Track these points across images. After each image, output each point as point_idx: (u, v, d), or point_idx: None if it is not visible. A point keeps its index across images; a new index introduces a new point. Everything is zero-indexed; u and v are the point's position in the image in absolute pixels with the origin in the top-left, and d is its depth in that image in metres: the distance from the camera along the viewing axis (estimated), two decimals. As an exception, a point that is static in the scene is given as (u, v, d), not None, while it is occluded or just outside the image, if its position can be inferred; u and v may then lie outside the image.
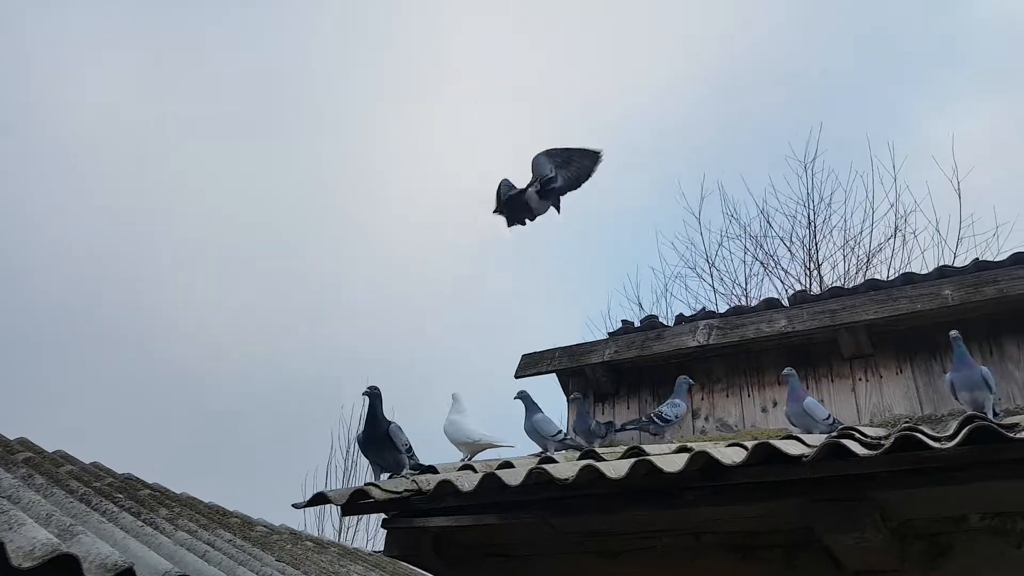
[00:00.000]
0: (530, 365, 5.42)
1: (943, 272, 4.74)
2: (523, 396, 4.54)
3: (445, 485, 2.74)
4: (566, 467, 2.77)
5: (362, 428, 3.67)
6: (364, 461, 8.39)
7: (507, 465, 3.00)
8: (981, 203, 9.51)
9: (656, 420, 4.13)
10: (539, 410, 4.53)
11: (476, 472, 2.90)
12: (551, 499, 2.84)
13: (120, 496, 3.68)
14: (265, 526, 3.02)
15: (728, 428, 4.91)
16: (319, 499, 2.79)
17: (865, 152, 9.55)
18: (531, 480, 2.71)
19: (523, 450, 4.42)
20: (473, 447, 4.03)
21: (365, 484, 2.81)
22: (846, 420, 4.36)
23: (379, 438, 3.39)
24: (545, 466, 2.75)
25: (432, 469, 3.11)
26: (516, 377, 5.41)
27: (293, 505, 2.87)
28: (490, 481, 2.70)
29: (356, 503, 2.77)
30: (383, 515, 2.99)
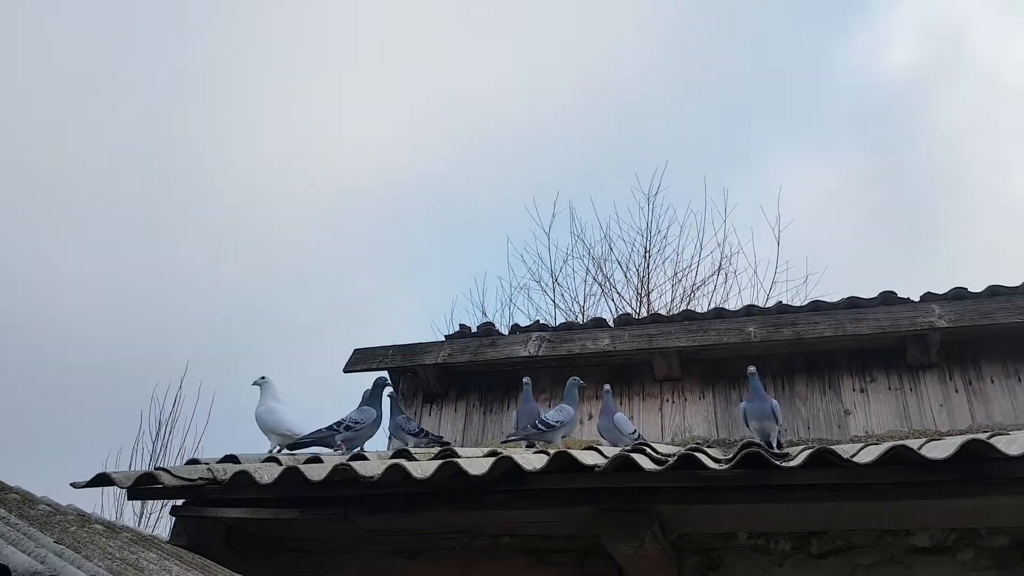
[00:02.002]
0: (361, 360, 5.32)
1: (750, 311, 5.08)
2: (392, 396, 4.53)
3: (242, 476, 2.63)
4: (373, 465, 2.73)
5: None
6: (176, 443, 7.92)
7: (315, 460, 2.92)
8: (797, 252, 10.31)
9: (539, 427, 4.09)
10: (401, 411, 4.54)
11: (280, 465, 2.81)
12: (355, 496, 2.79)
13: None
14: (49, 505, 2.77)
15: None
16: (102, 480, 2.59)
17: (702, 193, 10.15)
18: (335, 476, 2.65)
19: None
20: (288, 439, 3.82)
21: (155, 468, 2.64)
22: (650, 437, 4.57)
23: None
24: (351, 463, 2.71)
25: (233, 458, 2.97)
26: (345, 371, 5.29)
27: (72, 484, 2.64)
28: (291, 475, 2.62)
29: (144, 487, 2.60)
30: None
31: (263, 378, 3.99)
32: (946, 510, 2.64)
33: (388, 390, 4.46)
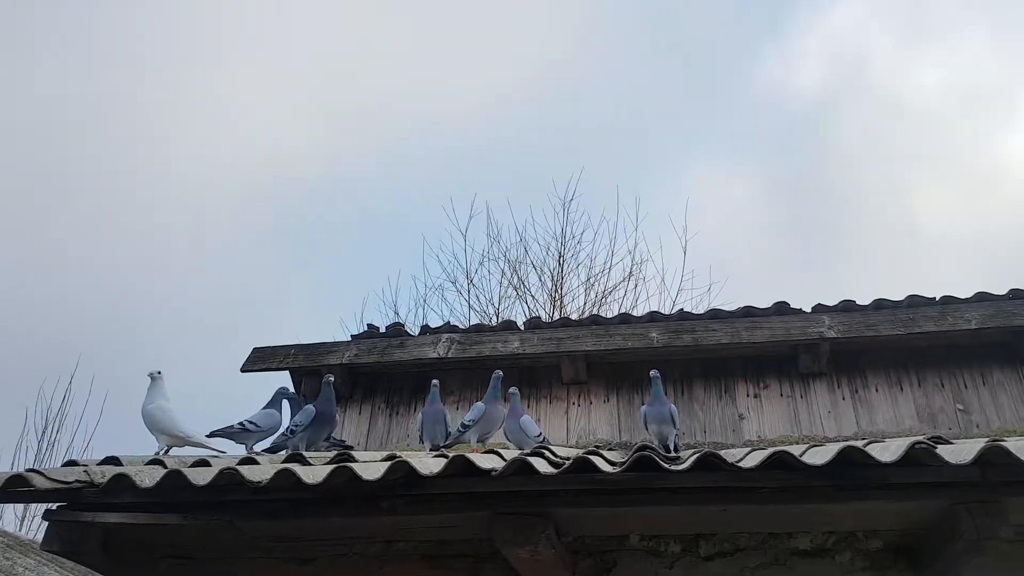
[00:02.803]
0: (260, 360, 5.15)
1: (653, 317, 5.17)
2: (291, 397, 4.40)
3: (121, 479, 2.48)
4: (262, 470, 2.63)
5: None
6: (64, 442, 7.45)
7: (203, 463, 2.79)
8: (703, 262, 10.61)
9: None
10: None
11: (165, 468, 2.67)
12: (242, 502, 2.67)
13: None
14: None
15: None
16: None
17: (615, 201, 10.32)
18: (221, 481, 2.53)
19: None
20: (178, 441, 3.64)
21: (26, 470, 2.47)
22: (556, 440, 4.60)
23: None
24: (239, 467, 2.59)
25: (115, 460, 2.81)
26: (243, 371, 5.11)
27: None
28: (175, 479, 2.49)
29: (14, 490, 2.42)
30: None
31: (159, 372, 3.78)
32: (825, 514, 2.72)
33: (289, 393, 4.32)
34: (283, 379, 5.18)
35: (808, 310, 4.86)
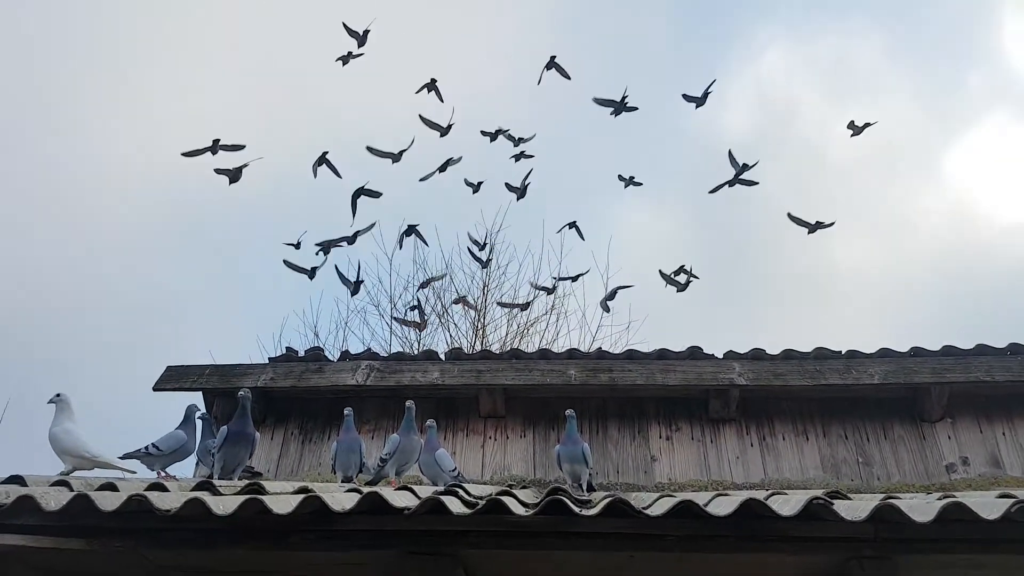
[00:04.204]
0: (173, 379, 5.06)
1: (572, 354, 5.33)
2: (204, 418, 4.37)
3: (26, 500, 2.44)
4: (172, 497, 2.62)
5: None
6: None
7: (110, 487, 2.75)
8: (623, 299, 10.89)
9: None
10: (212, 435, 4.30)
11: (71, 490, 2.63)
12: (149, 529, 2.65)
13: None
14: None
15: (368, 471, 4.97)
16: None
17: (540, 234, 10.56)
18: (129, 507, 2.51)
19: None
20: (85, 463, 3.57)
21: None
22: (471, 474, 4.67)
23: None
24: (147, 493, 2.58)
25: (19, 479, 2.74)
26: (155, 390, 5.01)
27: None
28: (81, 502, 2.46)
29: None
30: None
31: (59, 396, 3.72)
32: (729, 563, 2.86)
33: (200, 413, 4.26)
34: (196, 399, 5.10)
35: (720, 356, 5.09)
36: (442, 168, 6.27)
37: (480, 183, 7.04)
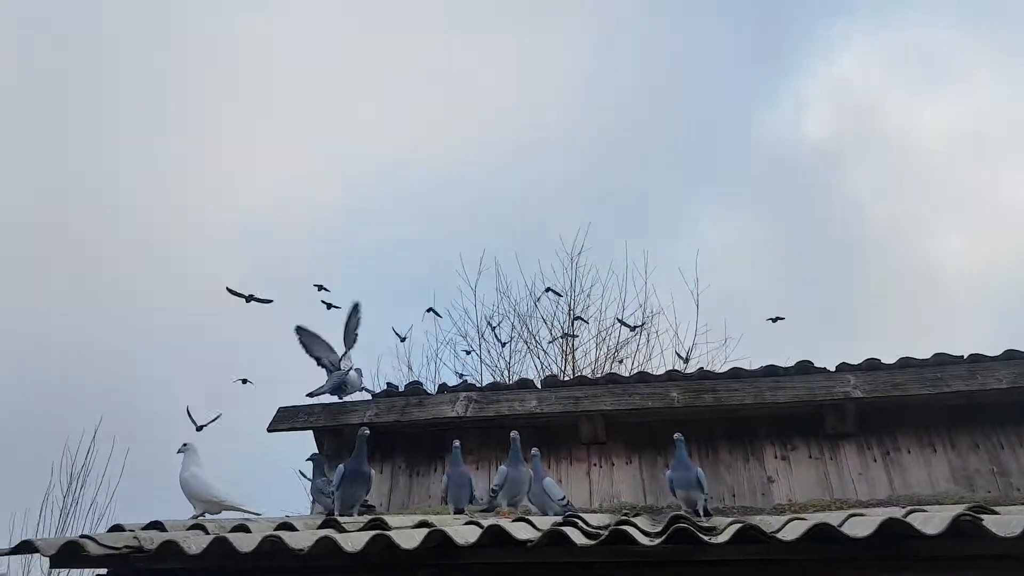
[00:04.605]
0: (285, 419, 5.24)
1: (672, 376, 5.26)
2: (314, 459, 4.56)
3: (169, 545, 2.57)
4: (302, 536, 2.71)
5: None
6: (87, 499, 7.58)
7: (242, 529, 2.87)
8: (716, 314, 10.69)
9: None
10: (323, 474, 4.51)
11: (207, 533, 2.75)
12: (284, 568, 2.75)
13: None
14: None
15: (477, 502, 5.01)
16: (25, 547, 2.50)
17: (623, 255, 10.51)
18: (264, 548, 2.61)
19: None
20: (213, 506, 3.79)
21: (80, 536, 2.56)
22: (579, 503, 4.65)
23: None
24: (280, 534, 2.67)
25: (158, 525, 2.89)
26: (268, 431, 5.21)
27: None
28: (220, 546, 2.57)
29: (68, 555, 2.51)
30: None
31: (186, 445, 3.97)
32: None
33: (311, 454, 4.42)
34: (307, 438, 5.30)
35: (832, 369, 4.94)
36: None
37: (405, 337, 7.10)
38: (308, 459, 4.54)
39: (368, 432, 4.23)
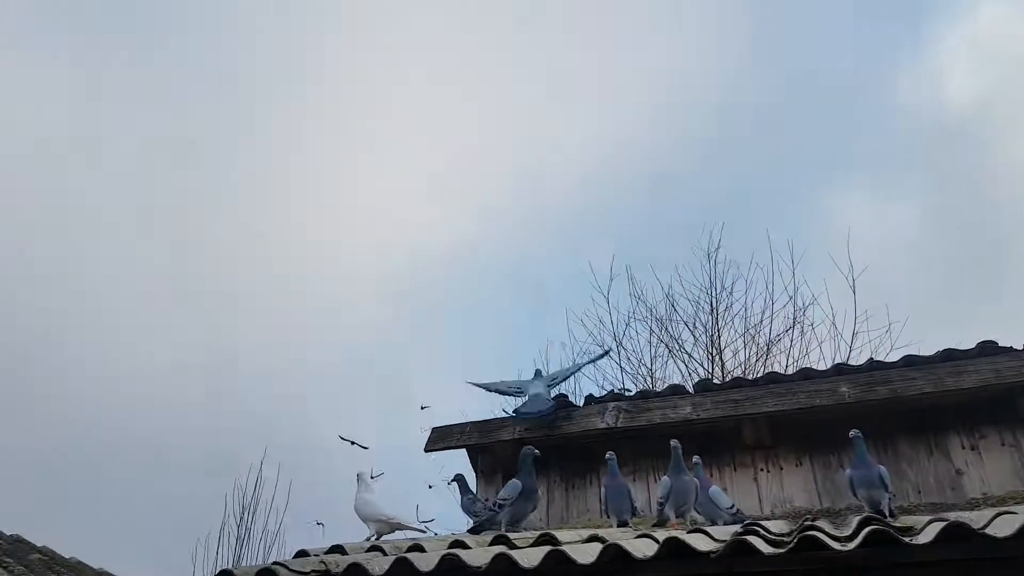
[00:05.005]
0: (440, 439, 5.38)
1: (839, 370, 5.01)
2: (458, 479, 4.65)
3: (355, 568, 2.68)
4: (479, 553, 2.75)
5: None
6: (259, 526, 8.13)
7: (417, 548, 2.95)
8: (876, 299, 10.07)
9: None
10: (470, 492, 4.62)
11: (386, 554, 2.85)
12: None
13: (9, 561, 3.49)
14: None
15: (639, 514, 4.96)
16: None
17: (765, 246, 10.06)
18: (443, 566, 2.67)
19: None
20: (383, 526, 4.08)
21: (274, 563, 2.71)
22: (748, 510, 4.50)
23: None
24: (456, 552, 2.73)
25: (340, 548, 3.02)
26: (425, 451, 5.38)
27: None
28: (401, 566, 2.65)
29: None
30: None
31: (358, 474, 4.39)
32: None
33: (455, 475, 4.52)
34: (460, 456, 5.43)
35: (1019, 348, 4.57)
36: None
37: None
38: (452, 479, 4.66)
39: (535, 451, 4.32)
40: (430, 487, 5.05)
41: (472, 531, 4.19)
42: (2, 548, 3.85)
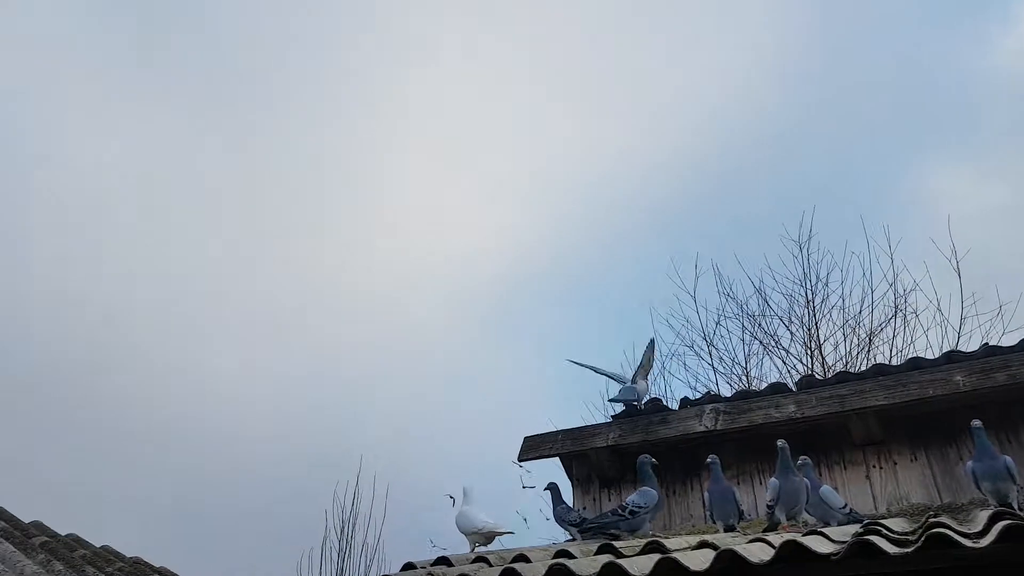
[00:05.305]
0: (532, 448, 5.38)
1: (951, 357, 4.77)
2: (551, 488, 4.66)
3: (461, 583, 2.69)
4: (586, 563, 2.72)
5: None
6: (359, 539, 8.36)
7: (523, 558, 2.94)
8: (983, 281, 9.56)
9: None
10: (563, 501, 4.64)
11: (491, 565, 2.85)
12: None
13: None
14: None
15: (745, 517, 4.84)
16: None
17: (860, 233, 9.68)
18: (551, 577, 2.66)
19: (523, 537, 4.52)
20: (480, 536, 4.22)
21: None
22: (862, 509, 4.33)
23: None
24: (564, 561, 2.71)
25: (445, 561, 3.05)
26: (519, 461, 5.38)
27: None
28: (508, 577, 2.65)
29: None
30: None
31: (451, 496, 4.58)
32: None
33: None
34: (554, 465, 5.41)
35: None
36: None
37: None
38: (545, 488, 4.68)
39: (653, 459, 4.37)
40: (525, 486, 5.06)
41: (584, 532, 4.28)
42: (124, 571, 4.04)
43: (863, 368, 7.05)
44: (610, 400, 5.72)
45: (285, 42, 14.59)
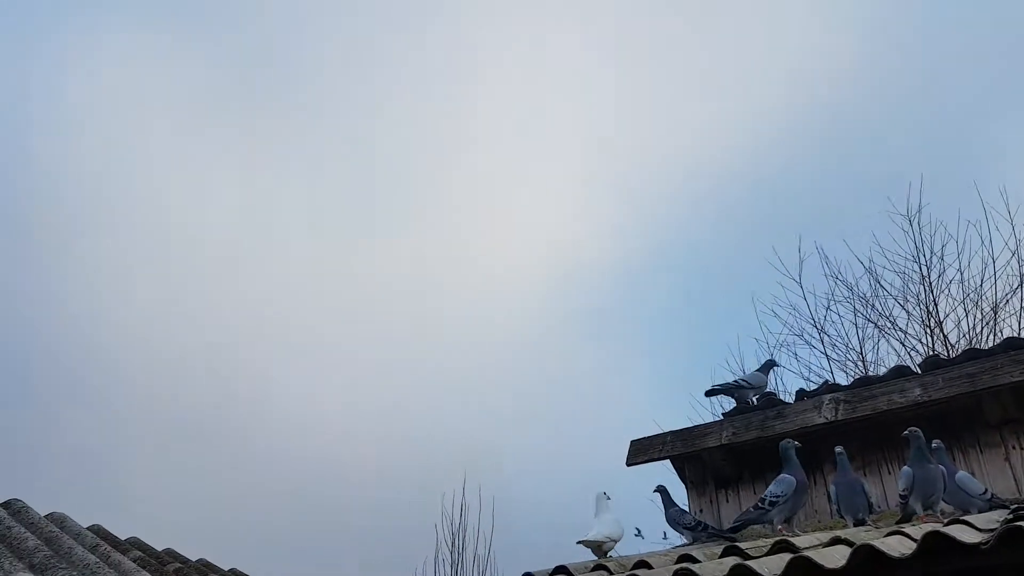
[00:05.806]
0: (640, 452, 5.32)
1: (1093, 325, 4.48)
2: (660, 490, 4.62)
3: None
4: (712, 567, 2.67)
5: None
6: (470, 551, 8.49)
7: (644, 565, 2.91)
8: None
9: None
10: (675, 503, 4.60)
11: (612, 573, 2.83)
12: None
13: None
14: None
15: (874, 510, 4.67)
16: None
17: (975, 199, 9.18)
18: (678, 583, 2.61)
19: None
20: (594, 545, 4.26)
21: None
22: (1003, 493, 4.12)
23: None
24: (688, 566, 2.66)
25: (564, 570, 3.04)
26: (627, 465, 5.33)
27: None
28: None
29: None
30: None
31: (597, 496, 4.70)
32: None
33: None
34: (663, 469, 5.35)
35: None
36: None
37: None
38: (655, 491, 4.62)
39: (797, 443, 4.26)
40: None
41: (734, 530, 4.26)
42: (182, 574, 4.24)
43: (991, 343, 6.69)
44: (706, 393, 5.70)
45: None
